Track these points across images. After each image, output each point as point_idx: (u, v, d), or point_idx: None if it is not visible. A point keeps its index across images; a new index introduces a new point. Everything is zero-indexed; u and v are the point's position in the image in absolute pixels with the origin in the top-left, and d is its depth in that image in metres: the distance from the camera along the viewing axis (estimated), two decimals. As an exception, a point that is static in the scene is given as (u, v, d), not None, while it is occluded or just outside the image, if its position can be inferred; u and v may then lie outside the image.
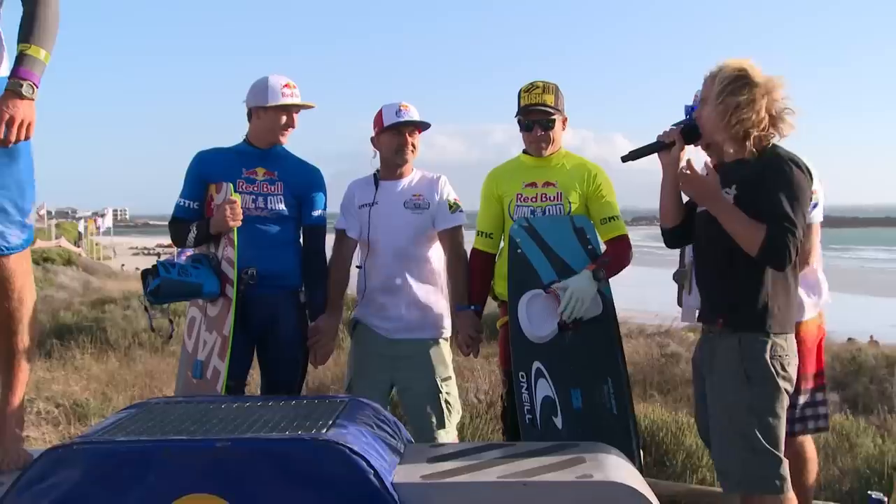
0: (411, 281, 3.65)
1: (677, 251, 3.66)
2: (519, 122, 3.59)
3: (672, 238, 3.19)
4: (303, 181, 3.66)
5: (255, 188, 3.56)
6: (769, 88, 2.84)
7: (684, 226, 3.13)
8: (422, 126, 3.69)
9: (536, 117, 3.53)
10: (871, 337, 13.80)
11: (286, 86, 3.54)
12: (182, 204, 3.62)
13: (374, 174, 3.75)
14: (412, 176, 3.74)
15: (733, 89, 2.84)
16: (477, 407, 5.75)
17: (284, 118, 3.56)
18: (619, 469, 2.35)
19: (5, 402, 2.88)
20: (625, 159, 3.24)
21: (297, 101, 3.57)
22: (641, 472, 3.14)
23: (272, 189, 3.58)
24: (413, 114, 3.63)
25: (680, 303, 3.79)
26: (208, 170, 3.61)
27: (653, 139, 3.16)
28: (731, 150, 2.95)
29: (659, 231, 3.27)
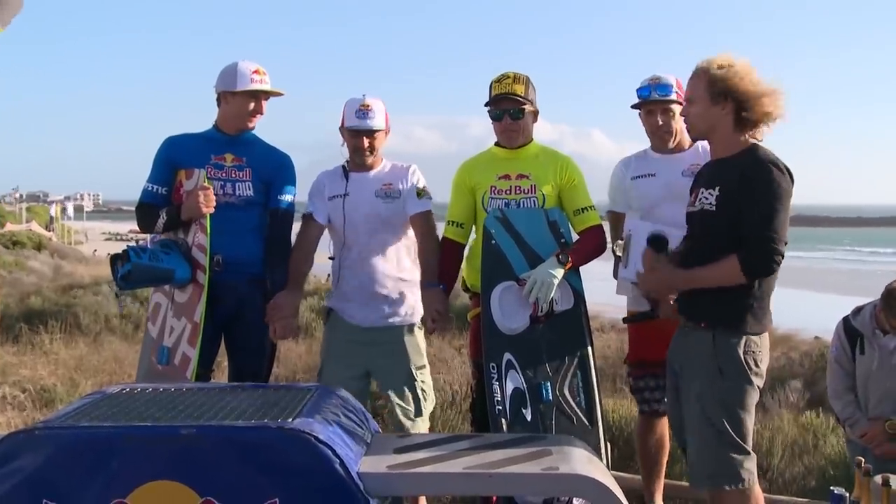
0: (384, 270, 3.64)
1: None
2: (489, 111, 3.57)
3: None
4: (271, 167, 3.64)
5: (224, 174, 3.54)
6: (747, 72, 2.87)
7: None
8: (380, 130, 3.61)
9: (506, 106, 3.51)
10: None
11: (255, 72, 3.51)
12: (150, 189, 3.59)
13: (343, 166, 3.71)
14: (382, 166, 3.72)
15: (721, 80, 2.87)
16: (447, 397, 5.76)
17: (252, 104, 3.54)
18: (584, 462, 2.36)
19: None
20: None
21: (265, 87, 3.55)
22: (609, 465, 3.16)
23: (241, 175, 3.56)
24: (373, 114, 3.54)
25: (615, 275, 3.71)
26: (177, 155, 3.58)
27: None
28: (720, 147, 2.97)
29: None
